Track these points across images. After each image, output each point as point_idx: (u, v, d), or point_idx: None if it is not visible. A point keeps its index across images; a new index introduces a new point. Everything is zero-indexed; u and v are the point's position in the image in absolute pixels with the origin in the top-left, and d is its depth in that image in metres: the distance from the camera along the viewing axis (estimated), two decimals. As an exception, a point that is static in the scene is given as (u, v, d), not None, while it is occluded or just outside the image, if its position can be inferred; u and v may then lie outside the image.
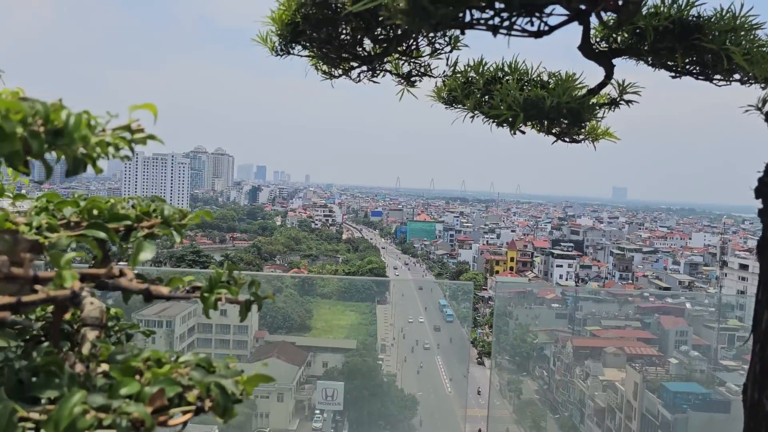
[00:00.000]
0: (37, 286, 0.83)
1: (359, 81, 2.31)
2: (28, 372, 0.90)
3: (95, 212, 1.24)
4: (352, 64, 2.14)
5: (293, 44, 2.03)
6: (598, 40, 2.03)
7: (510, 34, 1.09)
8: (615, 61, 2.04)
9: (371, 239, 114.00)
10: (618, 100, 2.02)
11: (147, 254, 0.91)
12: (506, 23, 1.06)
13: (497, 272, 76.95)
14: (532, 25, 1.08)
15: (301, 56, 2.15)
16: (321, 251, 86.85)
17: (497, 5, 1.07)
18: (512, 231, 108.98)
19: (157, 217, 1.24)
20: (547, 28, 1.11)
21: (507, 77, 2.22)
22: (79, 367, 0.97)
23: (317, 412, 7.87)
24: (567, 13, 1.10)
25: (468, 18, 1.07)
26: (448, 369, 10.63)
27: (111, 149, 0.87)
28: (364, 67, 2.22)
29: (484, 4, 1.06)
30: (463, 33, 1.13)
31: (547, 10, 1.06)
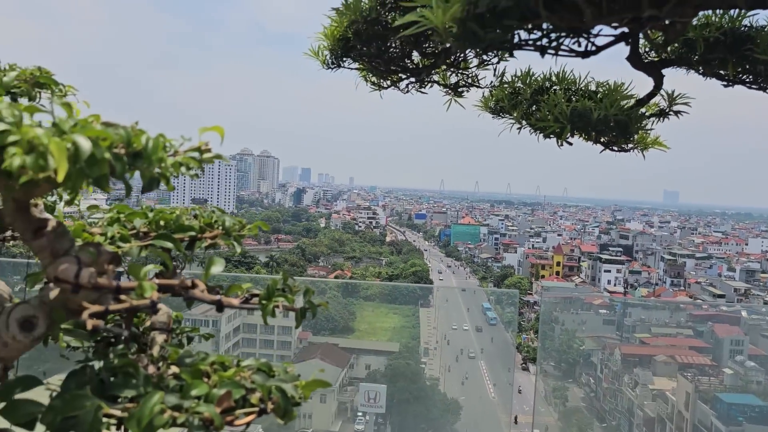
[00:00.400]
0: (122, 296, 0.91)
1: (407, 92, 2.36)
2: (107, 372, 0.99)
3: (162, 223, 1.33)
4: (400, 75, 2.20)
5: (344, 58, 2.10)
6: (647, 50, 2.02)
7: (557, 54, 1.12)
8: (665, 69, 2.03)
9: (414, 242, 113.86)
10: (667, 110, 2.01)
11: (217, 268, 0.98)
12: (554, 44, 1.09)
13: (543, 277, 75.73)
14: (579, 45, 1.11)
15: (351, 69, 2.22)
16: (364, 253, 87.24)
17: (545, 26, 1.10)
18: (558, 235, 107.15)
19: (219, 228, 1.33)
20: (594, 48, 1.13)
21: (554, 87, 2.23)
22: (152, 369, 1.06)
23: (359, 414, 7.91)
24: (614, 33, 1.12)
25: (516, 39, 1.10)
26: (492, 374, 10.56)
27: (182, 168, 0.95)
28: (413, 79, 2.27)
29: (531, 26, 1.09)
30: (511, 54, 1.17)
31: (594, 31, 1.09)
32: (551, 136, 1.86)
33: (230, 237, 1.31)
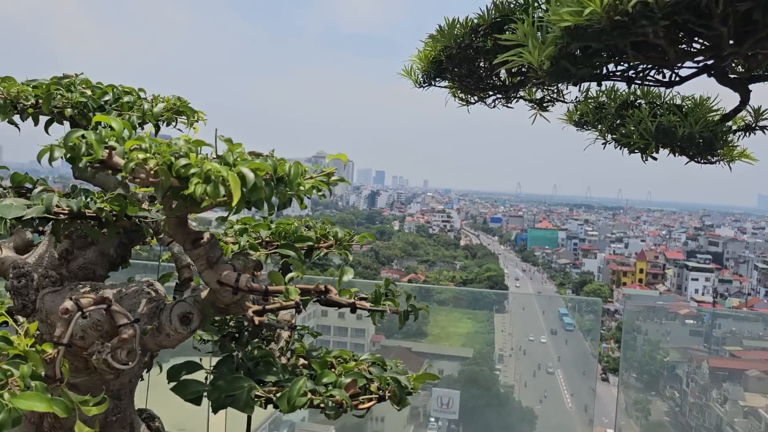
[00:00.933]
0: (275, 298, 1.10)
1: (494, 107, 2.49)
2: (250, 361, 1.18)
3: (283, 233, 1.53)
4: (488, 93, 2.32)
5: (435, 79, 2.25)
6: (733, 65, 2.05)
7: (643, 84, 1.22)
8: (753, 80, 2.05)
9: (489, 245, 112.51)
10: (753, 126, 2.03)
11: (349, 276, 1.16)
12: (640, 75, 1.20)
13: (624, 284, 73.00)
14: (664, 76, 1.20)
15: (441, 87, 2.37)
16: (438, 257, 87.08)
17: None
18: (642, 240, 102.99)
19: (332, 238, 1.51)
20: (678, 79, 1.22)
21: (639, 101, 2.29)
22: (283, 360, 1.25)
23: (432, 419, 7.93)
24: (697, 66, 1.21)
25: (604, 71, 1.22)
26: (569, 383, 10.34)
27: (314, 190, 1.13)
28: (499, 95, 2.39)
29: (618, 58, 1.20)
30: (599, 85, 1.27)
31: (679, 62, 1.18)
32: (636, 151, 1.93)
33: (341, 246, 1.49)
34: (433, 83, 2.30)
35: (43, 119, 1.71)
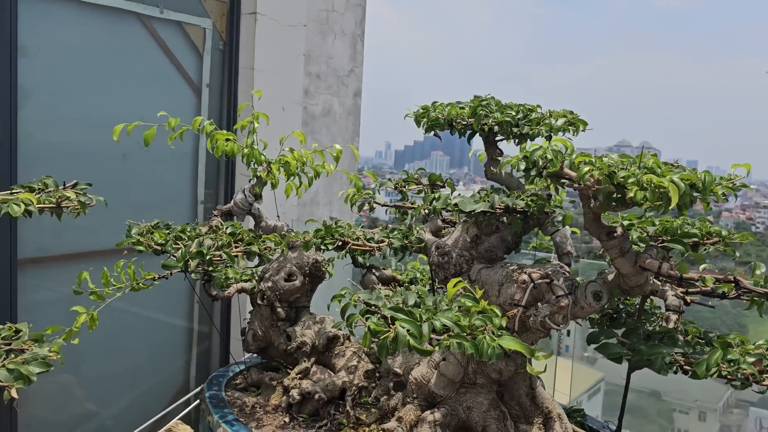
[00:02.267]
0: (693, 284, 1.35)
1: None
2: (655, 335, 1.44)
3: (667, 229, 1.74)
4: None
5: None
6: None
7: None
8: None
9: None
10: None
11: (761, 270, 1.34)
12: None
13: None
14: None
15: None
16: (763, 259, 75.02)
17: None
18: None
19: (716, 236, 1.68)
20: None
21: None
22: (681, 338, 1.48)
23: None
24: None
25: None
26: None
27: (720, 195, 1.33)
28: None
29: None
30: None
31: None
32: None
33: (725, 244, 1.64)
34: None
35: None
